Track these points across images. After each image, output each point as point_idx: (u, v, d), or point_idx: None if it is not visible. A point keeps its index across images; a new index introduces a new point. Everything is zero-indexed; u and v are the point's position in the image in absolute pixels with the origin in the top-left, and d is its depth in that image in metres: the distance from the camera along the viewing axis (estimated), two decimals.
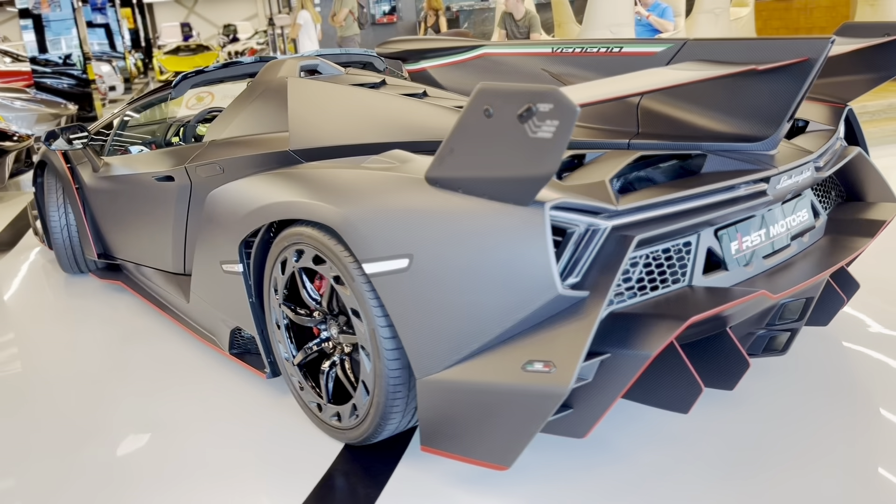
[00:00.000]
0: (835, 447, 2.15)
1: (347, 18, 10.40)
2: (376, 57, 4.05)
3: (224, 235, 2.59)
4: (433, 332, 1.92)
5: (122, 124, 3.94)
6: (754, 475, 2.04)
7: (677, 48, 2.32)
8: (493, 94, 1.65)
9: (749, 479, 2.03)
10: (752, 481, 2.01)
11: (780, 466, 2.07)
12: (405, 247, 1.92)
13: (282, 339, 2.49)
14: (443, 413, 1.97)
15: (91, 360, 3.17)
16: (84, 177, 3.89)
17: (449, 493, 2.07)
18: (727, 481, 2.02)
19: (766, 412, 2.33)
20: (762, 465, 2.08)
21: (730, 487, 2.00)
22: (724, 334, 2.08)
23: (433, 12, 10.91)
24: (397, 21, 14.31)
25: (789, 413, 2.32)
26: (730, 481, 2.02)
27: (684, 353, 1.91)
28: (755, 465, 2.08)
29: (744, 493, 1.97)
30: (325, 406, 2.36)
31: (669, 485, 2.03)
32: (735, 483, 2.01)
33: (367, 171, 2.12)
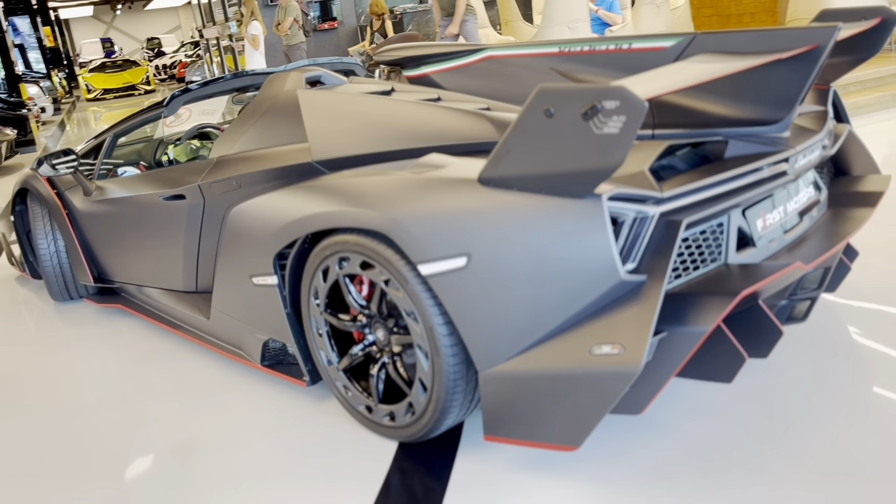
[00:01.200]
0: (868, 405, 2.32)
1: (293, 27, 10.37)
2: (358, 65, 4.11)
3: (255, 249, 2.62)
4: (494, 326, 2.01)
5: (110, 147, 3.89)
6: (802, 437, 2.19)
7: (687, 42, 2.46)
8: (554, 94, 1.75)
9: (798, 441, 2.18)
10: (802, 443, 2.16)
11: (823, 427, 2.23)
12: (462, 246, 2.00)
13: (323, 346, 2.54)
14: (507, 402, 2.05)
15: (111, 385, 3.14)
16: (75, 202, 3.83)
17: (514, 479, 2.16)
18: (777, 447, 2.17)
19: (794, 377, 2.49)
20: (806, 428, 2.23)
21: (781, 452, 2.14)
22: (756, 307, 2.22)
23: (377, 17, 10.95)
24: (338, 27, 14.29)
25: (817, 377, 2.49)
26: (780, 446, 2.17)
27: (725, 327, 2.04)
28: (799, 428, 2.23)
29: (795, 455, 2.12)
30: (375, 407, 2.42)
31: (722, 453, 2.16)
32: (786, 447, 2.16)
33: (413, 176, 2.19)
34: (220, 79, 3.70)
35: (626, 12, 8.01)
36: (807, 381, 2.47)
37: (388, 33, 10.90)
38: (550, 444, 2.02)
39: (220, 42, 16.86)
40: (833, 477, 2.01)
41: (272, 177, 2.81)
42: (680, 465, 2.13)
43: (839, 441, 2.15)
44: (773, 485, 2.01)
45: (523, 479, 2.16)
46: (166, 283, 3.45)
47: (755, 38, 2.30)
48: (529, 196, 1.93)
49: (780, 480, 2.02)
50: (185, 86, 3.57)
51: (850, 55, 2.81)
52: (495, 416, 2.09)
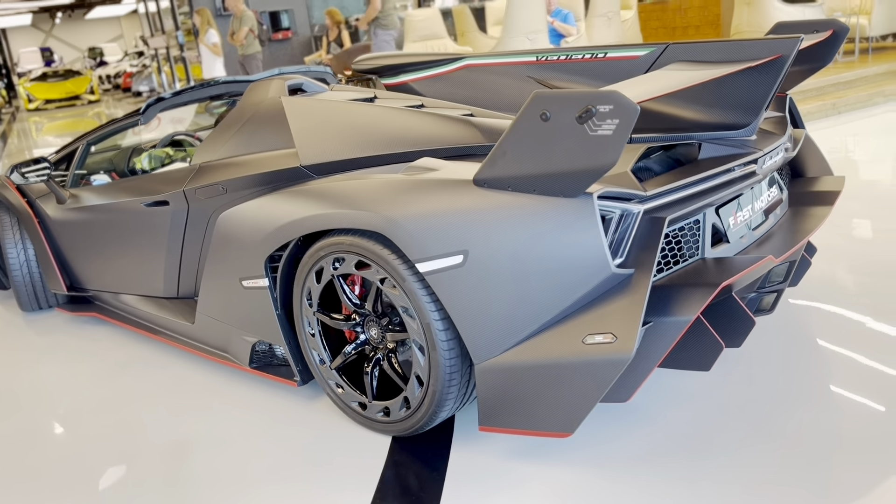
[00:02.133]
0: (823, 384, 2.50)
1: (248, 36, 10.35)
2: (328, 73, 4.18)
3: (245, 253, 2.67)
4: (490, 320, 2.11)
5: (83, 155, 3.88)
6: (776, 418, 2.35)
7: (659, 52, 2.61)
8: (549, 99, 1.87)
9: (771, 423, 2.33)
10: (777, 424, 2.32)
11: (793, 407, 2.39)
12: (459, 244, 2.10)
13: (316, 345, 2.60)
14: (502, 393, 2.15)
15: (97, 393, 3.14)
16: (47, 210, 3.81)
17: (510, 467, 2.26)
18: (754, 429, 2.32)
19: (762, 363, 2.66)
20: (778, 409, 2.39)
21: (758, 434, 2.29)
22: (730, 298, 2.37)
23: (336, 26, 11.01)
24: (292, 37, 14.27)
25: (782, 361, 2.66)
26: (757, 429, 2.32)
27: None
28: (774, 410, 2.39)
29: (771, 436, 2.27)
30: (369, 404, 2.50)
31: (705, 438, 2.30)
32: (762, 430, 2.31)
33: (408, 178, 2.29)
34: (195, 87, 3.74)
35: (581, 24, 8.26)
36: (770, 365, 2.64)
37: (345, 43, 10.97)
38: (545, 431, 2.13)
39: (169, 51, 16.66)
40: (802, 451, 2.17)
41: (259, 182, 2.87)
42: (666, 450, 2.26)
43: (805, 421, 2.32)
44: (753, 465, 2.15)
45: (519, 467, 2.26)
46: (145, 290, 3.46)
47: (724, 48, 2.46)
48: (523, 196, 2.04)
49: (759, 460, 2.17)
50: (157, 95, 3.60)
51: (805, 65, 3.01)
52: (491, 407, 2.19)
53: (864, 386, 2.49)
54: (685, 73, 2.30)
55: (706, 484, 2.09)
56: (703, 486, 2.09)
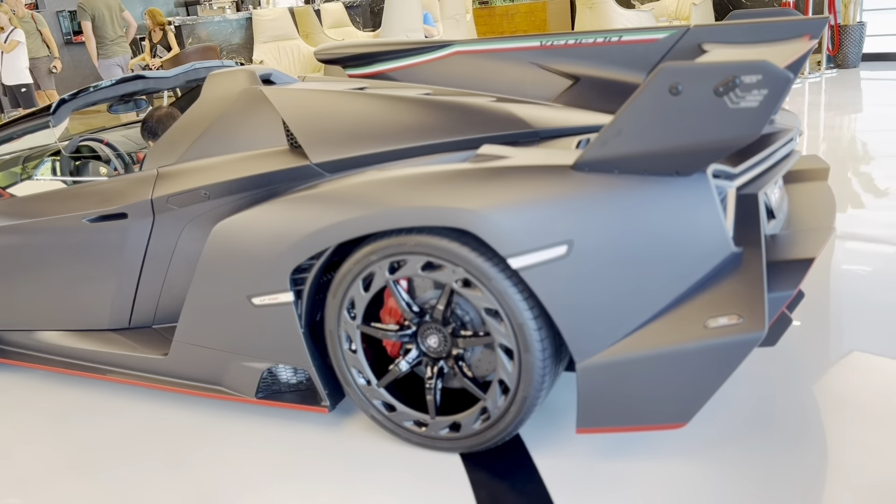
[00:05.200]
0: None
1: (36, 39, 9.29)
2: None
3: (258, 266, 2.30)
4: (597, 313, 1.97)
5: None
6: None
7: (680, 34, 2.61)
8: (683, 72, 1.76)
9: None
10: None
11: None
12: (562, 234, 1.94)
13: (357, 362, 2.31)
14: (608, 390, 2.02)
15: (56, 457, 2.56)
16: None
17: (604, 466, 2.14)
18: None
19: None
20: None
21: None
22: None
23: (159, 28, 10.12)
24: None
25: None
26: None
27: None
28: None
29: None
30: (432, 421, 2.25)
31: (774, 417, 2.32)
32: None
33: (485, 167, 2.08)
34: (111, 84, 3.21)
35: (440, 24, 8.27)
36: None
37: (173, 45, 10.13)
38: (656, 425, 2.02)
39: None
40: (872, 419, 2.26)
41: (254, 184, 2.50)
42: (747, 433, 2.24)
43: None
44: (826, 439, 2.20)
45: (610, 466, 2.14)
46: (81, 323, 2.89)
47: (750, 29, 2.50)
48: (633, 178, 1.92)
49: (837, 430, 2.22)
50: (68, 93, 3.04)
51: None
52: (593, 407, 2.04)
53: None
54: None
55: (796, 458, 2.10)
56: (793, 461, 2.10)
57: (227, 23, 10.35)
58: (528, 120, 2.36)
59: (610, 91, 2.69)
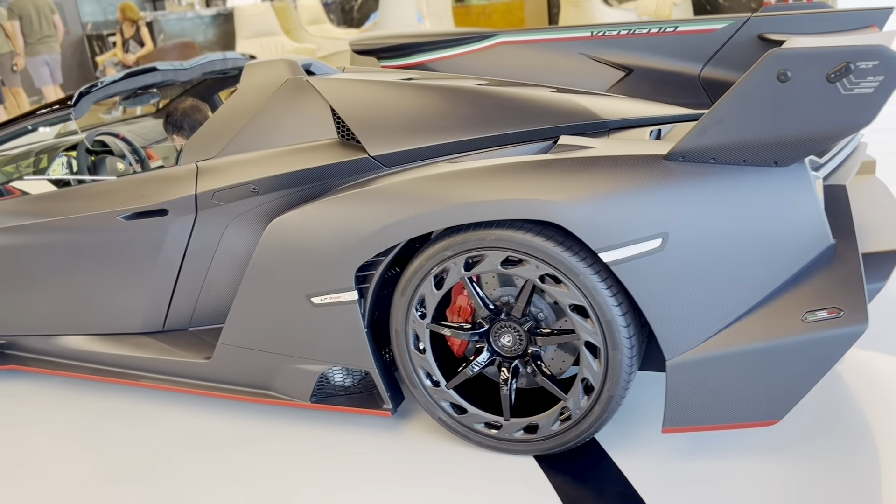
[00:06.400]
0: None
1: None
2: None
3: (321, 264, 2.19)
4: (691, 308, 1.91)
5: None
6: None
7: (739, 24, 2.56)
8: (792, 58, 1.71)
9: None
10: None
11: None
12: (657, 226, 1.87)
13: (425, 363, 2.21)
14: (698, 388, 1.96)
15: (98, 468, 2.40)
16: None
17: (688, 465, 2.09)
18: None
19: None
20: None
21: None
22: None
23: (131, 23, 9.83)
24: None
25: None
26: None
27: None
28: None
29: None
30: (506, 423, 2.16)
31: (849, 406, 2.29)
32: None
33: (569, 158, 2.00)
34: (130, 74, 3.06)
35: (427, 21, 8.18)
36: None
37: (146, 41, 9.85)
38: (748, 422, 1.97)
39: None
40: None
41: (307, 178, 2.39)
42: (829, 429, 2.21)
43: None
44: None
45: (700, 465, 2.08)
46: (109, 326, 2.74)
47: (813, 19, 2.47)
48: (730, 168, 1.86)
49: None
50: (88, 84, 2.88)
51: None
52: (682, 405, 1.98)
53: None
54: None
55: (886, 455, 2.07)
56: (881, 457, 2.07)
57: (200, 19, 10.10)
58: (597, 111, 2.29)
59: (664, 82, 2.64)
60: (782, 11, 2.57)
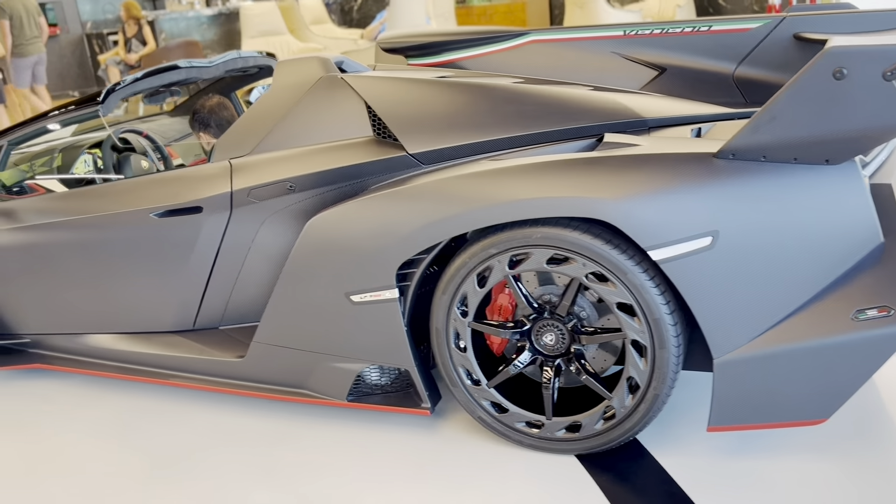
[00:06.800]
0: None
1: None
2: (272, 59, 3.66)
3: (361, 262, 2.18)
4: (739, 307, 1.91)
5: (3, 160, 2.95)
6: None
7: (775, 24, 2.56)
8: (849, 55, 1.71)
9: None
10: None
11: None
12: (707, 224, 1.87)
13: (465, 361, 2.20)
14: (745, 386, 1.95)
15: (134, 467, 2.37)
16: None
17: (737, 465, 2.08)
18: None
19: None
20: None
21: None
22: None
23: (134, 21, 9.78)
24: (60, 33, 12.47)
25: None
26: None
27: None
28: None
29: None
30: (548, 422, 2.15)
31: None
32: None
33: (616, 156, 1.99)
34: (155, 71, 3.03)
35: (434, 22, 8.17)
36: None
37: (148, 40, 9.80)
38: (795, 421, 1.97)
39: None
40: None
41: (344, 175, 2.38)
42: (872, 422, 2.20)
43: None
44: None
45: (746, 464, 2.08)
46: (138, 325, 2.71)
47: (849, 19, 2.47)
48: (781, 166, 1.86)
49: None
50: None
51: None
52: (729, 404, 1.98)
53: None
54: None
55: None
56: None
57: (202, 18, 10.05)
58: (637, 109, 2.29)
59: (698, 81, 2.63)
60: (817, 11, 2.57)
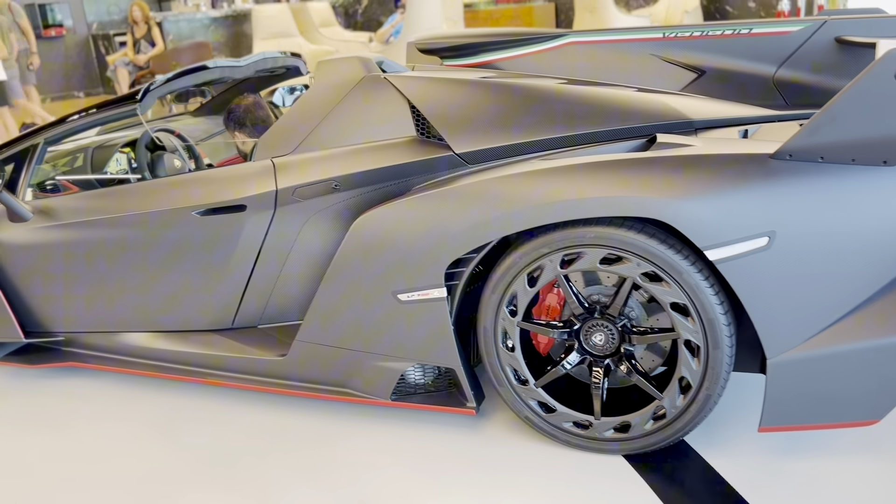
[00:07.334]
0: None
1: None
2: (299, 60, 3.67)
3: (410, 261, 2.18)
4: (795, 307, 1.91)
5: (40, 158, 2.94)
6: None
7: (816, 27, 2.57)
8: None
9: None
10: None
11: None
12: (764, 224, 1.87)
13: (513, 361, 2.20)
14: (799, 387, 1.96)
15: (179, 467, 2.37)
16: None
17: (786, 465, 2.08)
18: None
19: None
20: None
21: None
22: None
23: (144, 22, 9.77)
24: (66, 34, 12.46)
25: None
26: None
27: None
28: None
29: None
30: (596, 422, 2.16)
31: None
32: None
33: (670, 156, 1.99)
34: (188, 70, 3.03)
35: (444, 25, 8.18)
36: None
37: (157, 41, 9.79)
38: (847, 421, 1.98)
39: None
40: None
41: (389, 175, 2.39)
42: None
43: None
44: None
45: (798, 464, 2.09)
46: (177, 323, 2.71)
47: (889, 23, 2.49)
48: (838, 167, 1.87)
49: None
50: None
51: None
52: (782, 404, 1.98)
53: None
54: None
55: None
56: None
57: (207, 20, 10.04)
58: (684, 110, 2.30)
59: (737, 84, 2.65)
60: (858, 15, 2.58)
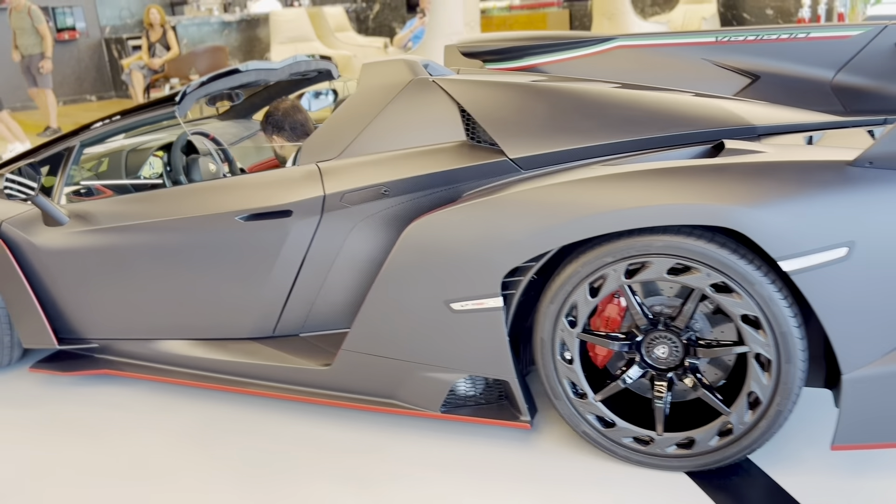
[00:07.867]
0: None
1: (33, 34, 8.87)
2: (331, 63, 3.62)
3: (464, 269, 2.11)
4: (873, 320, 1.84)
5: (76, 160, 2.88)
6: None
7: (877, 31, 2.50)
8: None
9: None
10: None
11: None
12: (843, 234, 1.80)
13: (572, 374, 2.13)
14: (876, 403, 1.89)
15: (218, 478, 2.30)
16: (34, 240, 2.76)
17: (856, 484, 2.00)
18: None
19: None
20: None
21: None
22: None
23: (159, 26, 9.74)
24: (80, 38, 12.44)
25: None
26: None
27: None
28: None
29: None
30: (658, 437, 2.08)
31: None
32: None
33: (741, 163, 1.92)
34: (225, 73, 2.98)
35: (464, 29, 8.13)
36: None
37: (172, 45, 9.77)
38: None
39: None
40: None
41: (440, 180, 2.32)
42: None
43: None
44: None
45: (870, 483, 2.01)
46: (216, 331, 2.64)
47: None
48: None
49: None
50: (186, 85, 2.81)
51: None
52: (857, 421, 1.91)
53: None
54: None
55: None
56: None
57: (221, 24, 10.01)
58: (746, 116, 2.23)
59: (793, 89, 2.58)
60: None
